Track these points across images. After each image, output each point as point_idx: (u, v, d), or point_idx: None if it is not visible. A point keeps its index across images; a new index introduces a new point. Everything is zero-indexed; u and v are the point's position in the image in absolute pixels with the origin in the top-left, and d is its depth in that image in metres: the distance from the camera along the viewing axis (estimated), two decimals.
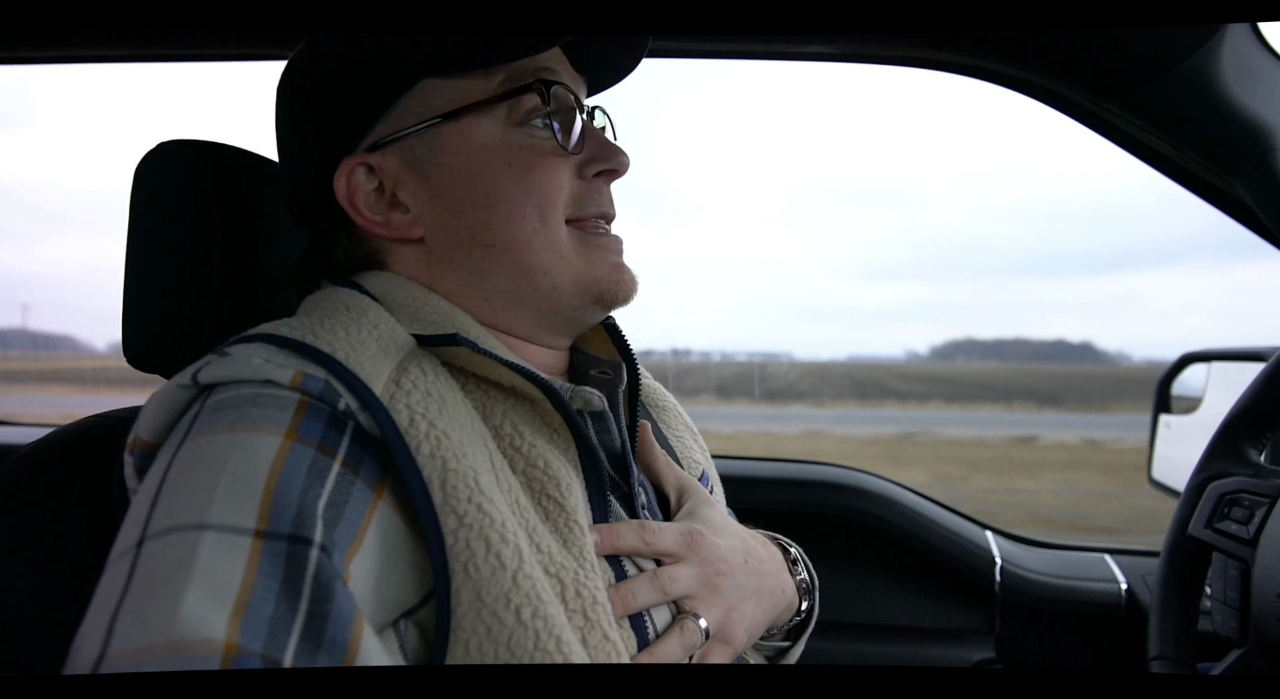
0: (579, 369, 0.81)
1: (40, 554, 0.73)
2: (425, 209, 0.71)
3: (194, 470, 0.52)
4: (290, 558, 0.49)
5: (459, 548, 0.54)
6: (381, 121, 0.71)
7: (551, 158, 0.71)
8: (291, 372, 0.57)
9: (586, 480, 0.67)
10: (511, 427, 0.65)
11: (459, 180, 0.70)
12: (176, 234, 0.82)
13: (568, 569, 0.60)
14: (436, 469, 0.56)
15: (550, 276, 0.71)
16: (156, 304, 0.83)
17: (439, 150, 0.70)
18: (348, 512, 0.54)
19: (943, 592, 1.59)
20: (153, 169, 0.83)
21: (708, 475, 0.90)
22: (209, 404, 0.57)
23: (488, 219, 0.70)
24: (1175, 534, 1.04)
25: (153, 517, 0.50)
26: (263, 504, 0.50)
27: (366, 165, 0.71)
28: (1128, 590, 1.52)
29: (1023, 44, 1.11)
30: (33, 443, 0.78)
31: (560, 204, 0.71)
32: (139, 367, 0.84)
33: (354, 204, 0.71)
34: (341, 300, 0.68)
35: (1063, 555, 1.65)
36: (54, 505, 0.73)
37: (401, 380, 0.60)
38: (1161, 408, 1.58)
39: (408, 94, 0.70)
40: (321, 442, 0.55)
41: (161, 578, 0.47)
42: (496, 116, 0.70)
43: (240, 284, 0.83)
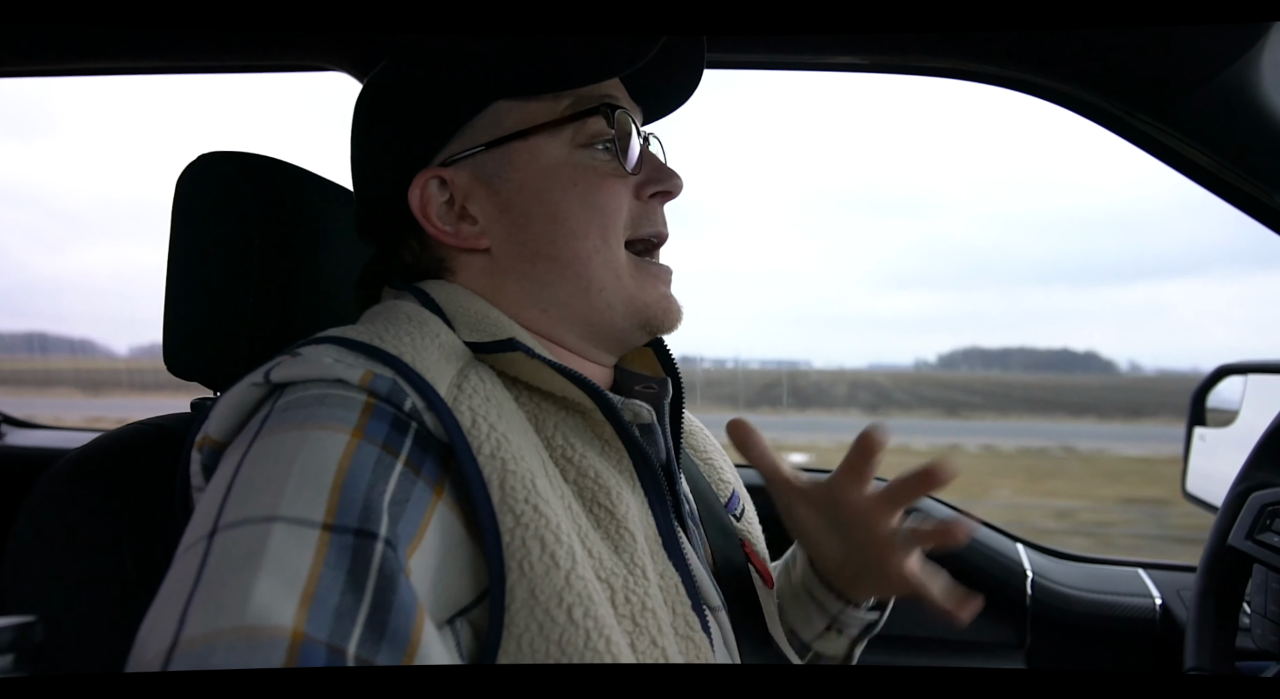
0: (622, 386, 0.83)
1: (83, 556, 0.74)
2: (493, 221, 0.75)
3: (265, 466, 0.54)
4: (356, 551, 0.51)
5: (515, 546, 0.56)
6: (456, 138, 0.75)
7: (613, 179, 0.75)
8: (361, 371, 0.59)
9: (644, 486, 0.70)
10: (563, 438, 0.67)
11: (526, 196, 0.74)
12: (216, 244, 0.84)
13: (618, 575, 0.62)
14: (496, 469, 0.58)
15: (605, 294, 0.74)
16: (196, 313, 0.84)
17: (508, 167, 0.74)
18: (409, 509, 0.56)
19: None
20: (193, 180, 0.85)
21: (738, 495, 0.91)
22: (279, 404, 0.59)
23: (553, 234, 0.73)
24: (1214, 545, 1.03)
25: (224, 510, 0.52)
26: (330, 499, 0.52)
27: (440, 179, 0.75)
28: (1162, 605, 1.49)
29: (1057, 55, 1.11)
30: (80, 448, 0.79)
31: (620, 224, 0.75)
32: (178, 374, 0.86)
33: (426, 214, 0.75)
34: (403, 310, 0.71)
35: (1095, 569, 1.63)
36: (99, 509, 0.75)
37: (463, 385, 0.63)
38: (1196, 420, 1.55)
39: (480, 114, 0.74)
40: (386, 442, 0.57)
41: (233, 567, 0.49)
42: (563, 138, 0.74)
43: (277, 294, 0.84)
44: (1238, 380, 1.52)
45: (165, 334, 0.85)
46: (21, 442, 1.83)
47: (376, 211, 0.79)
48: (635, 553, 0.64)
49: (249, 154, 0.85)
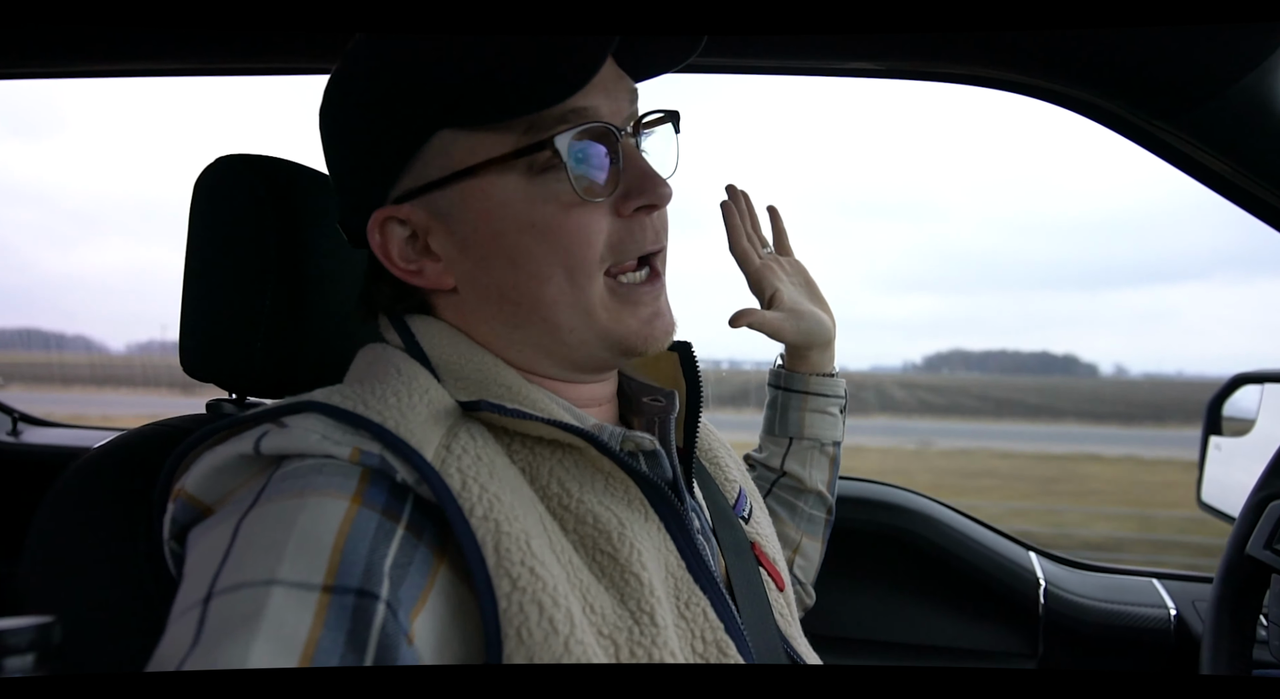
0: (629, 395, 0.82)
1: (101, 555, 0.74)
2: (455, 260, 0.70)
3: (263, 531, 0.53)
4: (356, 611, 0.50)
5: (512, 612, 0.55)
6: (406, 172, 0.69)
7: (578, 208, 0.67)
8: (348, 449, 0.58)
9: (658, 512, 0.67)
10: (559, 485, 0.65)
11: (482, 237, 0.68)
12: (232, 247, 0.84)
13: (621, 630, 0.60)
14: (490, 532, 0.57)
15: (576, 333, 0.70)
16: (212, 315, 0.85)
17: (461, 206, 0.68)
18: (412, 572, 0.55)
19: (984, 612, 1.56)
20: (211, 183, 0.85)
21: (745, 494, 0.89)
22: (276, 475, 0.58)
23: (514, 279, 0.68)
24: (1232, 554, 1.02)
25: (220, 575, 0.51)
26: (331, 561, 0.52)
27: (397, 218, 0.70)
28: (1177, 616, 1.48)
29: (1075, 61, 1.10)
30: (98, 448, 0.80)
31: (592, 258, 0.68)
32: (194, 375, 0.86)
33: (388, 255, 0.71)
34: (393, 363, 0.68)
35: (1109, 579, 1.61)
36: (116, 509, 0.75)
37: (452, 446, 0.61)
38: (1211, 429, 1.54)
39: (427, 145, 0.68)
40: (385, 507, 0.57)
41: (229, 630, 0.48)
42: (517, 170, 0.67)
43: (293, 297, 0.84)
44: (1254, 389, 1.50)
45: (182, 336, 0.86)
46: (38, 440, 1.84)
47: (356, 241, 0.75)
48: (643, 598, 0.61)
49: (266, 157, 0.86)
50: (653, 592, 0.62)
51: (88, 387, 14.03)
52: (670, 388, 0.81)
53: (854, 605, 1.57)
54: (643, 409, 0.80)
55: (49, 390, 15.91)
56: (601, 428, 0.69)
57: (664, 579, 0.65)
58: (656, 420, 0.78)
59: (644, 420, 0.79)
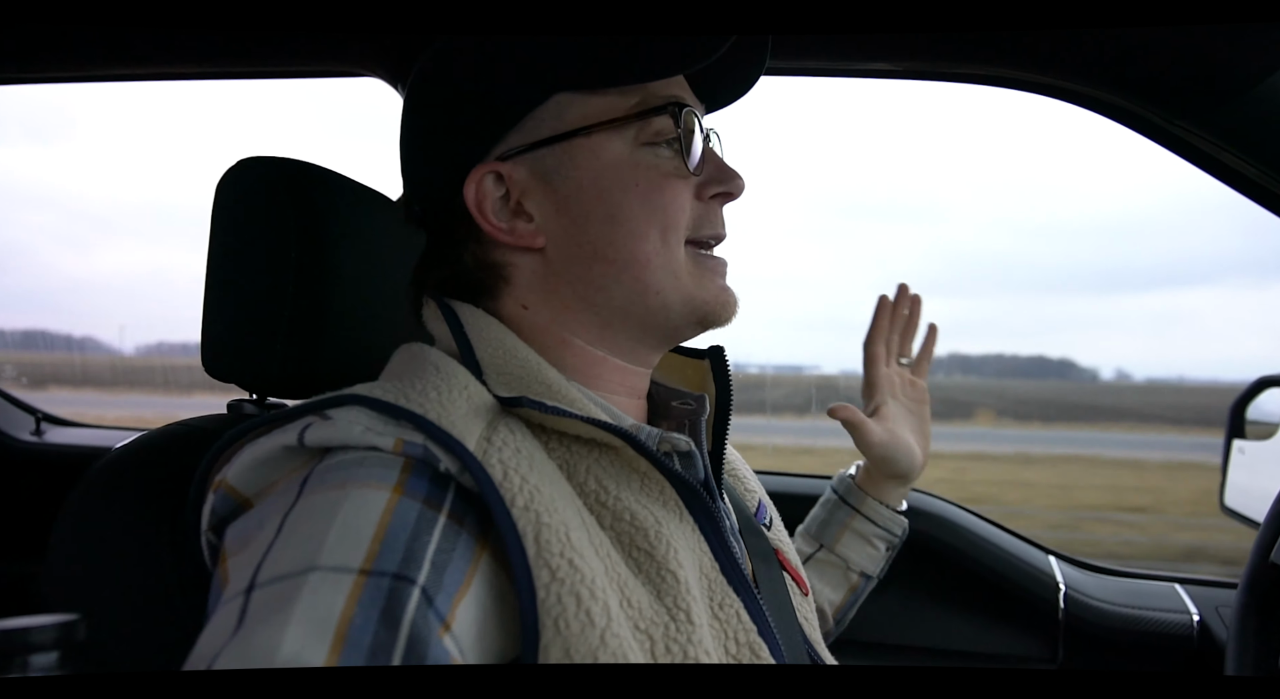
0: (657, 399, 0.82)
1: (123, 554, 0.75)
2: (550, 220, 0.73)
3: (305, 524, 0.54)
4: (392, 592, 0.51)
5: (550, 602, 0.55)
6: (514, 131, 0.72)
7: (675, 179, 0.72)
8: (392, 440, 0.59)
9: (692, 513, 0.68)
10: (596, 482, 0.65)
11: (586, 195, 0.71)
12: (254, 249, 0.85)
13: (658, 625, 0.60)
14: (530, 522, 0.57)
15: (662, 295, 0.72)
16: (234, 316, 0.86)
17: (569, 164, 0.71)
18: (455, 559, 0.55)
19: (1004, 617, 1.55)
20: (233, 185, 0.86)
21: (764, 506, 0.89)
22: (319, 468, 0.59)
23: (611, 235, 0.71)
24: (1256, 561, 1.01)
25: (263, 567, 0.52)
26: (370, 548, 0.52)
27: (496, 173, 0.72)
28: (1200, 622, 1.46)
29: (1096, 61, 1.10)
30: (121, 447, 0.81)
31: (682, 224, 0.73)
32: (216, 376, 0.87)
33: (481, 210, 0.72)
34: (431, 361, 0.69)
35: (1130, 583, 1.60)
36: (139, 508, 0.76)
37: (493, 438, 0.62)
38: (1235, 433, 1.52)
39: (542, 106, 0.72)
40: (427, 497, 0.57)
41: (265, 617, 0.48)
42: (626, 135, 0.72)
43: (314, 298, 0.85)
44: (1278, 392, 1.48)
45: (204, 337, 0.87)
46: (61, 440, 1.87)
47: (429, 207, 0.77)
48: (679, 596, 0.62)
49: (287, 159, 0.86)
50: (689, 590, 0.62)
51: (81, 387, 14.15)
52: (699, 392, 0.82)
53: (871, 608, 1.55)
54: (671, 413, 0.81)
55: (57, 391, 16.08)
56: (639, 428, 0.69)
57: (698, 579, 0.66)
58: (687, 423, 0.78)
59: (672, 424, 0.80)
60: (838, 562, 1.06)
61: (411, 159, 0.78)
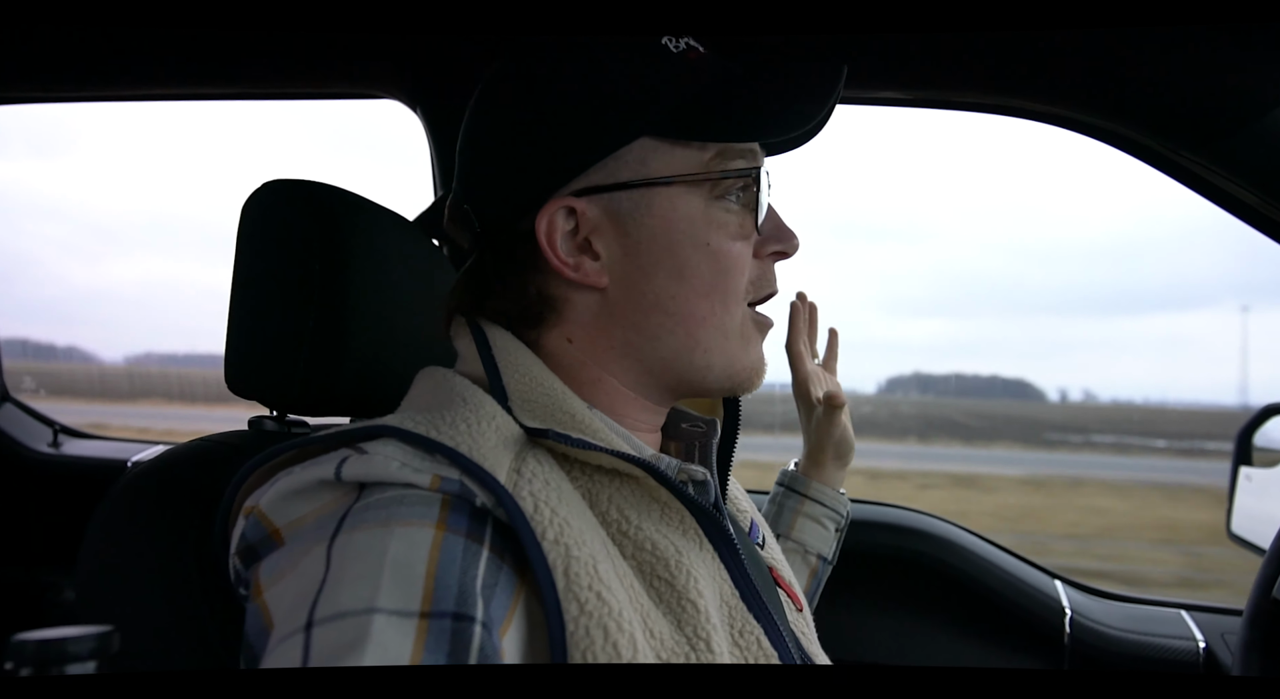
0: (670, 422, 0.83)
1: (152, 568, 0.77)
2: (616, 262, 0.72)
3: (356, 561, 0.54)
4: (455, 634, 0.52)
5: (579, 635, 0.56)
6: (595, 169, 0.71)
7: (740, 240, 0.73)
8: (429, 476, 0.59)
9: (712, 542, 0.68)
10: (618, 512, 0.66)
11: (657, 245, 0.71)
12: (278, 269, 0.87)
13: (678, 655, 0.60)
14: (560, 555, 0.58)
15: (709, 355, 0.73)
16: (257, 334, 0.88)
17: (644, 211, 0.71)
18: (499, 592, 0.56)
19: (1009, 641, 1.55)
20: (258, 207, 0.88)
21: (756, 525, 0.90)
22: (358, 506, 0.59)
23: (675, 290, 0.71)
24: (1259, 596, 1.01)
25: (319, 602, 0.53)
26: (425, 587, 0.53)
27: (569, 208, 0.71)
28: (1206, 649, 1.46)
29: (1103, 92, 1.11)
30: (146, 463, 0.82)
31: (742, 287, 0.73)
32: (238, 393, 0.89)
33: (551, 243, 0.71)
34: (458, 392, 0.68)
35: (1136, 609, 1.60)
36: (167, 523, 0.78)
37: (522, 470, 0.62)
38: (1242, 460, 1.52)
39: (626, 148, 0.71)
40: (469, 531, 0.58)
41: (335, 657, 0.49)
42: (702, 191, 0.71)
43: (336, 318, 0.87)
44: None
45: (227, 354, 0.89)
46: (78, 451, 1.89)
47: (492, 229, 0.75)
48: (699, 625, 0.62)
49: (310, 182, 0.89)
50: (708, 619, 0.63)
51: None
52: (709, 416, 0.83)
53: (875, 630, 1.56)
54: (681, 434, 0.82)
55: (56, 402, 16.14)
56: (659, 459, 0.69)
57: (719, 607, 0.66)
58: (697, 445, 0.80)
59: (681, 445, 0.81)
60: (795, 547, 1.10)
61: (479, 180, 0.76)
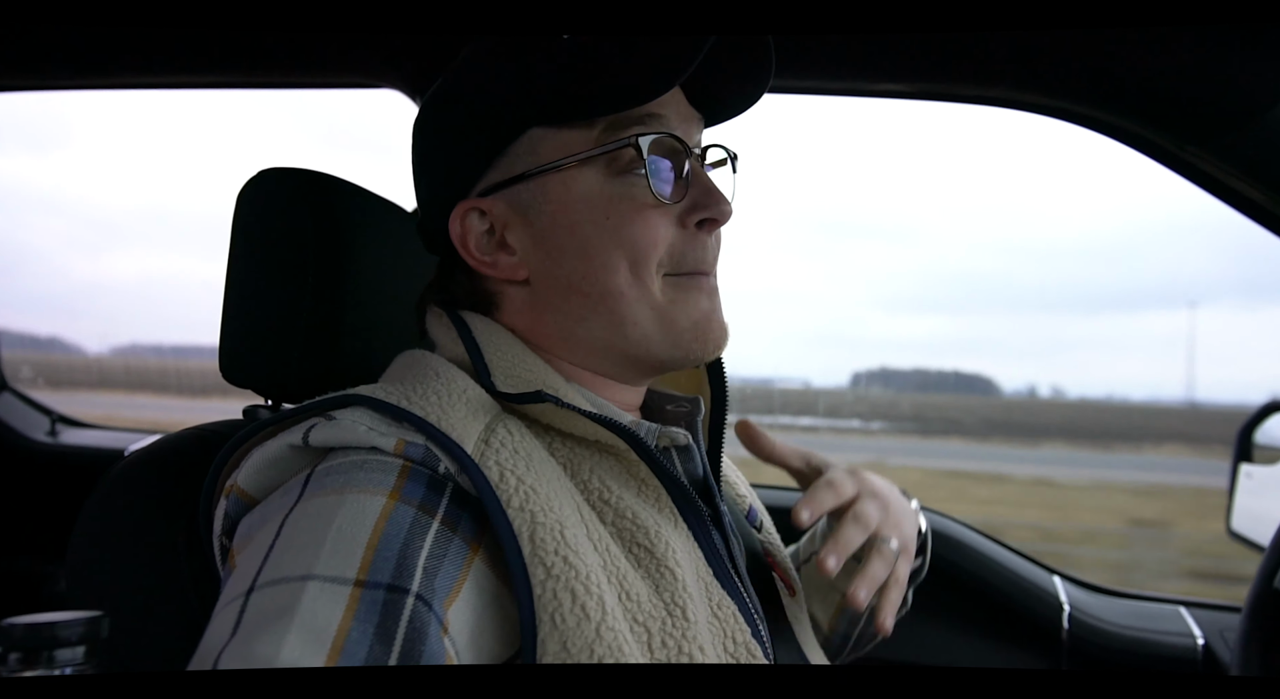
0: (652, 407, 0.83)
1: (143, 554, 0.77)
2: (530, 253, 0.74)
3: (304, 528, 0.56)
4: (387, 605, 0.52)
5: (546, 598, 0.57)
6: (493, 167, 0.74)
7: (649, 210, 0.72)
8: (394, 440, 0.61)
9: (687, 521, 0.69)
10: (599, 481, 0.67)
11: (559, 229, 0.72)
12: (273, 258, 0.86)
13: (655, 619, 0.62)
14: (525, 522, 0.59)
15: (640, 327, 0.73)
16: (252, 324, 0.87)
17: (542, 198, 0.72)
18: (446, 564, 0.57)
19: (1007, 636, 1.55)
20: (253, 195, 0.88)
21: (755, 509, 0.91)
22: (320, 469, 0.61)
23: (584, 269, 0.72)
24: (1260, 589, 1.01)
25: (263, 569, 0.54)
26: (364, 557, 0.54)
27: (479, 209, 0.74)
28: (1205, 646, 1.46)
29: (1107, 86, 1.11)
30: (139, 451, 0.82)
31: (654, 258, 0.72)
32: (234, 382, 0.88)
33: (465, 245, 0.75)
34: (431, 367, 0.70)
35: (1135, 605, 1.59)
36: (158, 510, 0.77)
37: (490, 440, 0.64)
38: (1242, 456, 1.52)
39: (516, 141, 0.73)
40: (422, 502, 0.59)
41: (265, 623, 0.50)
42: (597, 168, 0.71)
43: (330, 308, 0.86)
44: None
45: (222, 343, 0.88)
46: (76, 441, 1.89)
47: (432, 239, 0.80)
48: (676, 592, 0.63)
49: (305, 170, 0.88)
50: (685, 588, 0.64)
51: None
52: (693, 395, 0.83)
53: None
54: (665, 417, 0.82)
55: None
56: (638, 425, 0.71)
57: (696, 581, 0.67)
58: (682, 426, 0.79)
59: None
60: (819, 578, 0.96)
61: (417, 191, 0.81)
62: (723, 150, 0.80)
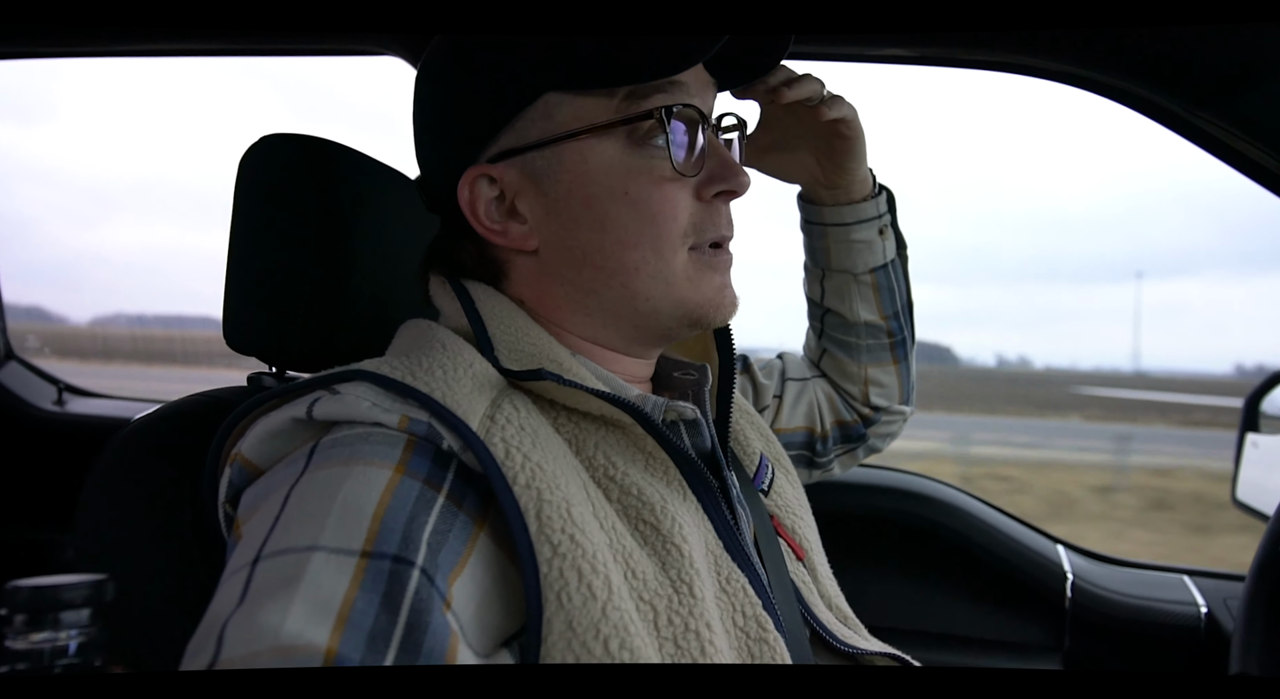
0: (660, 373, 0.83)
1: (147, 519, 0.77)
2: (541, 223, 0.72)
3: (310, 499, 0.56)
4: (392, 575, 0.52)
5: (553, 577, 0.56)
6: (505, 132, 0.71)
7: (669, 183, 0.70)
8: (397, 416, 0.60)
9: (696, 494, 0.69)
10: (605, 457, 0.67)
11: (575, 200, 0.70)
12: (275, 224, 0.86)
13: (661, 596, 0.61)
14: (532, 499, 0.58)
15: (652, 301, 0.72)
16: (254, 290, 0.87)
17: (558, 167, 0.70)
18: (451, 539, 0.57)
19: (1011, 604, 1.56)
20: (255, 161, 0.87)
21: (766, 463, 0.89)
22: (325, 441, 0.60)
23: (600, 242, 0.70)
24: (1266, 552, 1.01)
25: (269, 539, 0.54)
26: (370, 528, 0.54)
27: (489, 176, 0.72)
28: (1208, 614, 1.46)
29: (1115, 50, 1.09)
30: (144, 417, 0.82)
31: (676, 232, 0.71)
32: (237, 349, 0.88)
33: (475, 213, 0.73)
34: (438, 339, 0.69)
35: (1139, 574, 1.60)
36: (162, 476, 0.78)
37: (496, 416, 0.63)
38: (1249, 426, 1.51)
39: (531, 106, 0.70)
40: (428, 477, 0.58)
41: (271, 591, 0.50)
42: (616, 138, 0.69)
43: (333, 275, 0.86)
44: None
45: (225, 310, 0.88)
46: (83, 410, 1.89)
47: (434, 200, 0.78)
48: (683, 569, 0.63)
49: (308, 136, 0.87)
50: (692, 564, 0.63)
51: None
52: (700, 363, 0.82)
53: (879, 593, 1.57)
54: (674, 383, 0.81)
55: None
56: (645, 399, 0.70)
57: (704, 555, 0.67)
58: (690, 393, 0.79)
59: (675, 394, 0.81)
60: (844, 275, 1.00)
61: (419, 154, 0.79)
62: (734, 117, 0.78)
